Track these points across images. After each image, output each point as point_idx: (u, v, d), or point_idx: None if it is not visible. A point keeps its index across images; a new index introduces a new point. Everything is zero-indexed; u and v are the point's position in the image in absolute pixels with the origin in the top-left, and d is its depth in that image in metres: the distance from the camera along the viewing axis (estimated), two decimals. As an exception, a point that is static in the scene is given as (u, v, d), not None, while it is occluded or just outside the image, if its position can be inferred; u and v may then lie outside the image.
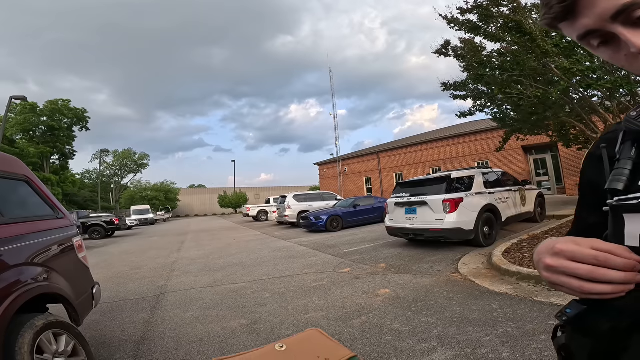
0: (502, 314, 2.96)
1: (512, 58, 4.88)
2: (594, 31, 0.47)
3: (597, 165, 0.58)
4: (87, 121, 34.93)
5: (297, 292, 4.30)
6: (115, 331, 3.32)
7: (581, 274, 0.43)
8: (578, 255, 0.44)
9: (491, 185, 6.96)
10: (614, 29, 0.45)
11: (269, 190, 48.02)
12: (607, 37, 0.47)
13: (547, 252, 0.48)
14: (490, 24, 5.20)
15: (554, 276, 0.46)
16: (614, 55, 0.49)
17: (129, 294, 4.85)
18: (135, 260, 8.36)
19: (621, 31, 0.44)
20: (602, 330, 0.46)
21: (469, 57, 5.95)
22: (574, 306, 0.50)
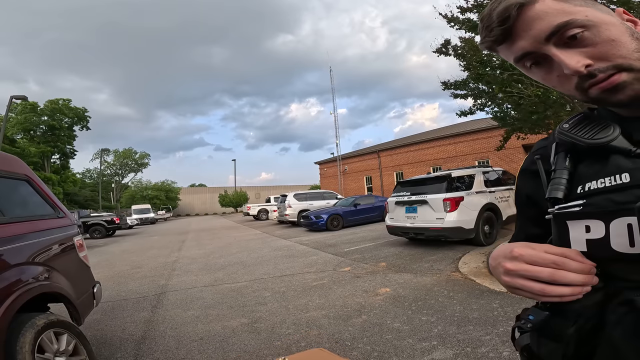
0: (503, 313, 2.96)
1: None
2: (529, 53, 0.50)
3: (532, 178, 0.61)
4: (88, 120, 35.04)
5: (297, 291, 4.31)
6: (116, 330, 3.33)
7: (542, 277, 0.45)
8: (537, 259, 0.45)
9: (492, 184, 6.96)
10: (547, 51, 0.49)
11: (270, 189, 48.04)
12: (540, 58, 0.50)
13: (504, 257, 0.49)
14: None
15: (514, 280, 0.47)
16: (546, 76, 0.52)
17: (130, 293, 4.86)
18: (136, 259, 8.38)
19: (554, 52, 0.48)
20: (569, 333, 0.47)
21: (469, 56, 5.93)
22: (535, 312, 0.51)
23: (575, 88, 0.49)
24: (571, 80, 0.49)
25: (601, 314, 0.46)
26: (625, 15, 0.51)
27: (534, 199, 0.61)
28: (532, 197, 0.62)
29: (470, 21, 5.43)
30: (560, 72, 0.49)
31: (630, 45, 0.47)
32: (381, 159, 25.53)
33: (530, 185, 0.62)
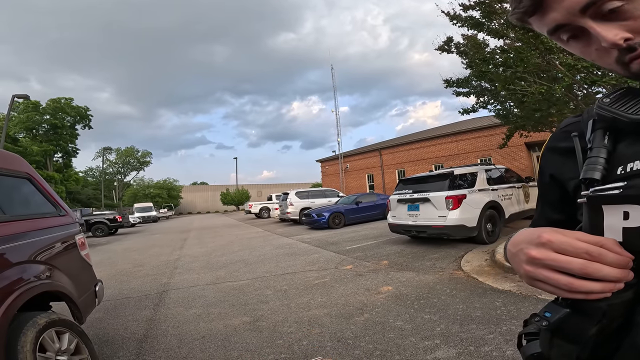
0: (506, 311, 2.94)
1: (516, 54, 4.83)
2: (563, 25, 0.46)
3: (559, 157, 0.56)
4: (90, 119, 35.19)
5: (299, 289, 4.30)
6: (118, 329, 3.33)
7: (573, 268, 0.39)
8: (568, 247, 0.40)
9: (494, 182, 6.92)
10: (583, 23, 0.44)
11: (271, 187, 48.07)
12: (577, 31, 0.46)
13: (529, 242, 0.43)
14: (493, 21, 5.15)
15: (537, 270, 0.42)
16: (584, 49, 0.48)
17: (132, 292, 4.87)
18: (138, 257, 8.40)
19: (591, 25, 0.43)
20: (590, 334, 0.42)
21: (471, 53, 5.89)
22: (553, 309, 0.45)
23: (616, 62, 0.45)
24: (611, 54, 0.44)
25: (629, 314, 0.42)
26: None
27: (559, 180, 0.56)
28: (557, 178, 0.57)
29: (473, 19, 5.39)
30: (598, 45, 0.44)
31: None
32: (383, 157, 25.47)
33: (557, 164, 0.57)
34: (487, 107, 7.23)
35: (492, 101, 7.11)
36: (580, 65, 4.15)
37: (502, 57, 5.19)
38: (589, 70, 4.12)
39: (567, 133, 0.54)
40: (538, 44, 4.20)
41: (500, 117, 7.79)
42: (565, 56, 4.28)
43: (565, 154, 0.54)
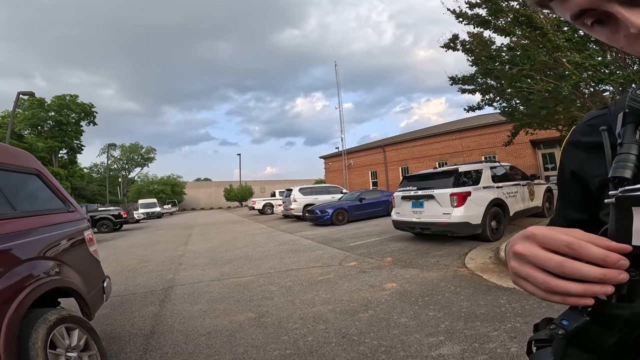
0: (510, 309, 2.94)
1: (522, 52, 4.78)
2: (588, 10, 0.42)
3: (582, 152, 0.53)
4: (95, 116, 35.75)
5: (303, 286, 4.32)
6: (125, 325, 3.38)
7: (550, 265, 0.36)
8: (551, 241, 0.37)
9: (499, 180, 6.89)
10: (610, 8, 0.40)
11: (275, 183, 48.16)
12: (603, 16, 0.41)
13: (518, 237, 0.41)
14: (499, 18, 5.10)
15: (521, 267, 0.39)
16: (611, 36, 0.43)
17: (138, 288, 4.92)
18: (144, 253, 8.47)
19: (618, 10, 0.40)
20: (609, 344, 0.39)
21: (477, 51, 5.85)
22: (571, 317, 0.40)
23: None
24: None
25: None
26: None
27: (581, 177, 0.53)
28: (579, 174, 0.54)
29: (479, 16, 5.34)
30: (627, 31, 0.41)
31: None
32: (386, 154, 25.39)
33: (579, 160, 0.53)
34: (493, 104, 7.17)
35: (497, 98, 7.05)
36: (587, 64, 4.10)
37: (509, 55, 5.14)
38: (597, 69, 4.07)
39: (592, 127, 0.51)
40: (545, 42, 4.16)
41: (505, 115, 7.72)
42: (573, 54, 4.23)
43: (590, 149, 0.51)
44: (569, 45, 4.23)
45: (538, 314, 2.75)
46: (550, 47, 4.33)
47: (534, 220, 7.84)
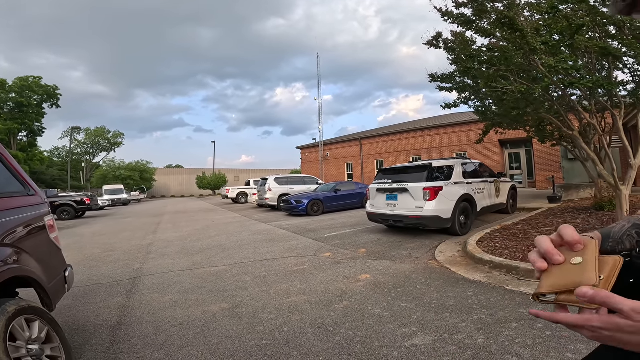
0: (477, 301, 3.09)
1: (501, 54, 4.96)
2: None
3: None
4: (59, 98, 34.42)
5: (278, 276, 4.31)
6: (89, 316, 3.21)
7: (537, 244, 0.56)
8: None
9: (469, 176, 7.16)
10: None
11: (249, 172, 47.38)
12: None
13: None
14: (483, 19, 5.24)
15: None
16: None
17: (103, 278, 4.69)
18: (108, 242, 8.08)
19: None
20: (627, 283, 0.51)
21: (458, 50, 5.99)
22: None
23: None
24: None
25: None
26: None
27: None
28: None
29: (464, 16, 5.45)
30: None
31: None
32: (363, 147, 25.66)
33: None
34: (468, 103, 7.41)
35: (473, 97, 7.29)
36: (560, 67, 4.30)
37: (487, 56, 5.31)
38: (568, 72, 4.30)
39: None
40: (524, 44, 4.33)
41: (479, 114, 8.01)
42: (548, 57, 4.43)
43: None
44: (544, 49, 4.41)
45: (501, 307, 2.91)
46: (528, 49, 4.50)
47: (498, 216, 8.26)
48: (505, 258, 4.19)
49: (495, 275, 3.83)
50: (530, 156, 17.14)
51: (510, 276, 3.75)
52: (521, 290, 3.27)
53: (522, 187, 16.81)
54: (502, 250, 4.59)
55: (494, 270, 4.00)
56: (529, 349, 2.15)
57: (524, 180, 17.47)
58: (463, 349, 2.22)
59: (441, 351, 2.22)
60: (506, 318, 2.66)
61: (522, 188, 16.20)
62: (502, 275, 3.83)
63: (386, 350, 2.28)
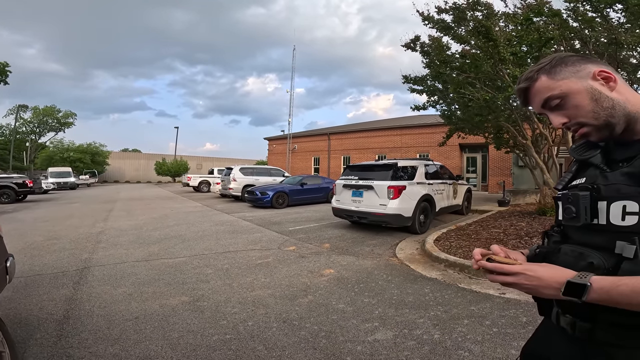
0: (433, 298, 3.26)
1: (472, 61, 5.21)
2: (540, 112, 0.82)
3: None
4: (7, 75, 30.61)
5: (241, 269, 4.24)
6: (32, 309, 2.93)
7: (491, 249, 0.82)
8: None
9: (430, 177, 7.49)
10: (545, 113, 0.81)
11: (213, 160, 45.76)
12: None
13: None
14: (461, 26, 5.46)
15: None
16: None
17: (46, 268, 4.30)
18: (53, 229, 7.41)
19: (547, 114, 0.80)
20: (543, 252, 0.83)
21: (433, 54, 6.21)
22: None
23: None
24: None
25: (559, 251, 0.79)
26: (603, 73, 0.74)
27: None
28: None
29: (444, 22, 5.65)
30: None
31: (588, 108, 0.73)
32: (331, 142, 25.85)
33: None
34: (436, 106, 7.73)
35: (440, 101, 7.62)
36: None
37: (459, 62, 5.57)
38: None
39: None
40: (494, 54, 4.59)
41: (444, 117, 8.39)
42: (514, 68, 4.72)
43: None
44: (513, 59, 4.70)
45: (455, 303, 3.10)
46: (498, 59, 4.77)
47: (454, 216, 8.76)
48: (459, 257, 4.45)
49: (450, 273, 4.06)
50: (486, 161, 18.32)
51: (463, 274, 4.00)
52: (472, 288, 3.50)
53: (477, 190, 17.94)
54: (456, 250, 4.87)
55: (449, 269, 4.24)
56: (478, 345, 2.32)
57: (478, 184, 18.65)
58: (421, 344, 2.34)
59: (401, 346, 2.32)
60: (459, 315, 2.84)
61: (476, 191, 17.29)
62: (456, 273, 4.07)
63: (350, 344, 2.34)
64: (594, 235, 0.72)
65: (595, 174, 0.77)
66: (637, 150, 0.71)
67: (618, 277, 0.64)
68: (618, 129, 0.73)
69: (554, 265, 0.72)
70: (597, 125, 0.74)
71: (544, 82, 0.76)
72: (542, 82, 0.77)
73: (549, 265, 0.73)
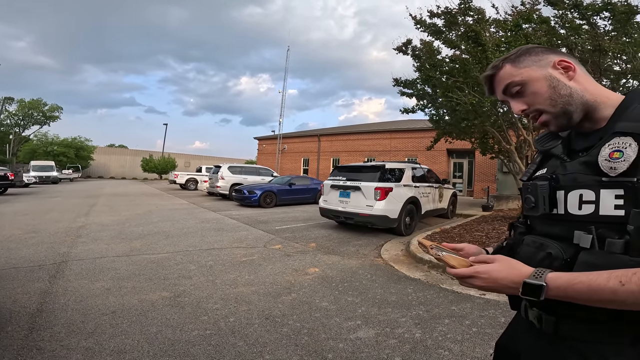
0: (415, 297, 3.29)
1: (461, 65, 5.31)
2: (503, 99, 0.84)
3: None
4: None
5: (225, 266, 4.18)
6: (4, 302, 2.82)
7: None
8: None
9: (417, 180, 7.56)
10: (507, 100, 0.82)
11: (202, 158, 45.20)
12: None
13: None
14: (452, 31, 5.55)
15: None
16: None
17: (22, 261, 4.15)
18: (32, 222, 7.18)
19: (508, 100, 0.82)
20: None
21: (424, 58, 6.30)
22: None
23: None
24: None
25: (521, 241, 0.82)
26: (563, 62, 0.76)
27: None
28: None
29: (435, 26, 5.73)
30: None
31: (545, 95, 0.75)
32: (321, 143, 25.87)
33: None
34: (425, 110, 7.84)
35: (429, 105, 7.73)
36: None
37: (449, 66, 5.66)
38: None
39: None
40: (483, 58, 4.68)
41: (432, 122, 8.50)
42: None
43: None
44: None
45: (436, 303, 3.13)
46: (486, 63, 4.87)
47: (439, 220, 8.87)
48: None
49: (433, 275, 4.11)
50: (472, 167, 18.65)
51: (445, 275, 4.04)
52: (454, 288, 3.55)
53: (462, 194, 18.24)
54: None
55: (432, 270, 4.29)
56: (458, 344, 2.35)
57: (464, 189, 18.97)
58: (402, 343, 2.35)
59: (383, 344, 2.33)
60: (440, 314, 2.87)
61: (461, 196, 17.57)
62: (439, 274, 4.12)
63: (332, 342, 2.34)
64: (554, 226, 0.73)
65: (556, 164, 0.77)
66: (595, 140, 0.71)
67: (575, 274, 0.63)
68: (575, 117, 0.74)
69: (510, 263, 0.71)
70: (555, 113, 0.75)
71: (507, 69, 0.78)
72: (506, 70, 0.79)
73: (503, 262, 0.72)
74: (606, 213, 0.63)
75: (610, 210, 0.63)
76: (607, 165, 0.64)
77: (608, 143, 0.66)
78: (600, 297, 0.59)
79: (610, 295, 0.58)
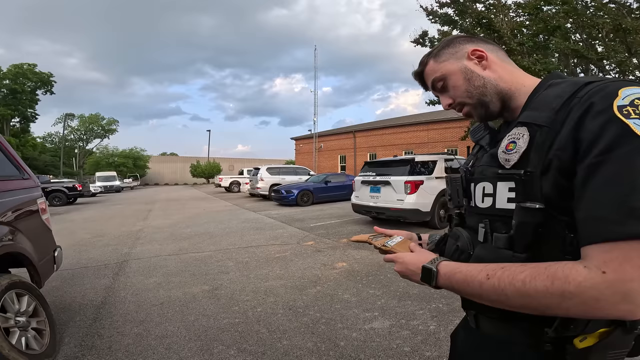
0: (438, 291, 3.24)
1: None
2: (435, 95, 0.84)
3: None
4: (53, 85, 35.61)
5: (260, 262, 4.53)
6: (75, 296, 3.40)
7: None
8: None
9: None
10: (437, 95, 0.82)
11: (244, 161, 47.33)
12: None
13: None
14: (465, 19, 5.39)
15: None
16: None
17: (91, 261, 4.87)
18: (99, 227, 8.23)
19: (439, 95, 0.82)
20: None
21: None
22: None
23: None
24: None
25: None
26: (476, 52, 0.74)
27: None
28: None
29: (447, 15, 5.61)
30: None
31: (462, 88, 0.74)
32: (357, 139, 25.81)
33: None
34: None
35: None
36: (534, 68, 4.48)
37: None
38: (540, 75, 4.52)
39: None
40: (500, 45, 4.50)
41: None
42: (522, 58, 4.61)
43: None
44: (520, 49, 4.58)
45: (458, 297, 3.12)
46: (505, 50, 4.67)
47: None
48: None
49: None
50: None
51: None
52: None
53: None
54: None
55: (462, 262, 4.24)
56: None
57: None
58: (415, 334, 2.46)
59: (395, 335, 2.45)
60: (459, 308, 2.83)
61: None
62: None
63: (347, 331, 2.51)
64: (470, 218, 0.75)
65: (483, 155, 0.76)
66: (510, 132, 0.68)
67: (460, 264, 0.63)
68: (493, 107, 0.72)
69: (424, 252, 0.75)
70: (473, 104, 0.74)
71: (431, 66, 0.79)
72: (430, 66, 0.79)
73: (421, 251, 0.77)
74: (501, 206, 0.63)
75: (504, 204, 0.63)
76: (503, 157, 0.63)
77: (508, 134, 0.65)
78: (472, 290, 0.59)
79: (477, 289, 0.58)
